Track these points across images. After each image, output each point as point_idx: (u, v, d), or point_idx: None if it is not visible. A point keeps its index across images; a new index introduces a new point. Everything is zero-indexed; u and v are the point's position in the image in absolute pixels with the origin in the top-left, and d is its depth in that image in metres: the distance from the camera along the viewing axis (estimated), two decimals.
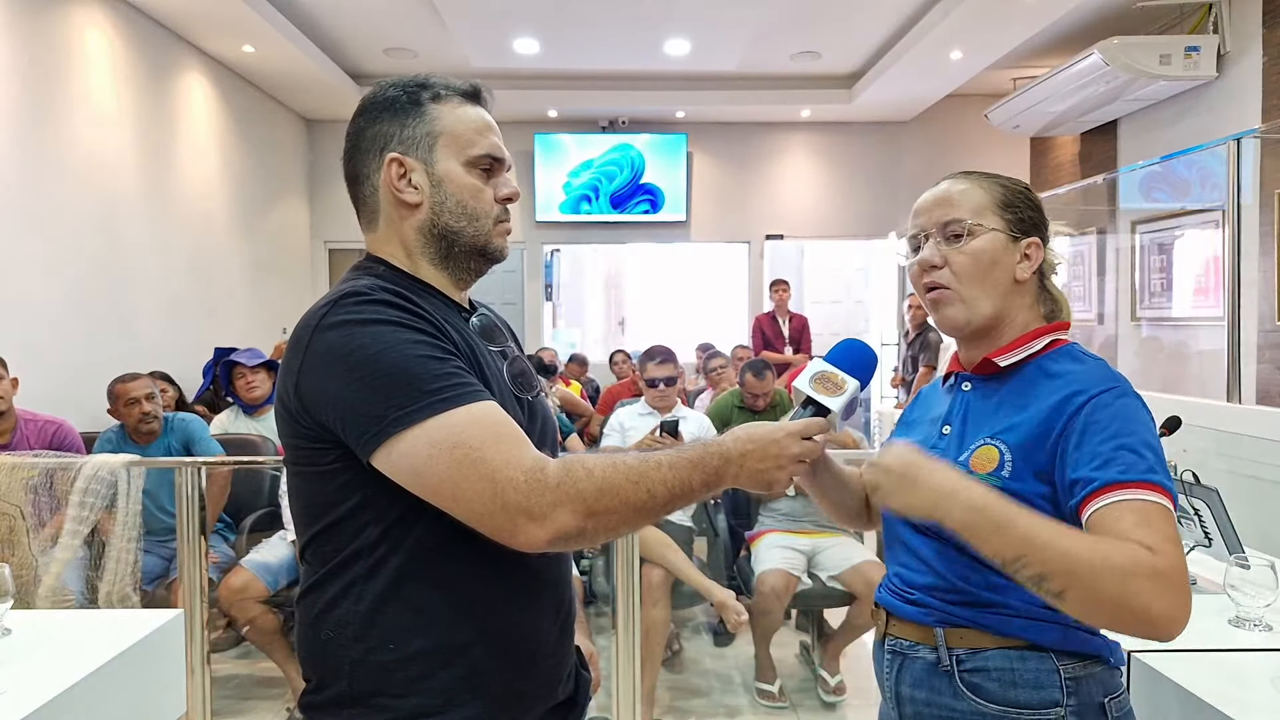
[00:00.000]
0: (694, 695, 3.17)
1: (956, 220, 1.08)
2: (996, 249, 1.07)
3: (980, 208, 1.09)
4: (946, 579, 1.06)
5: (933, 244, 1.10)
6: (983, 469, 1.03)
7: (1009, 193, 1.10)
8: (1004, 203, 1.09)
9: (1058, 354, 1.08)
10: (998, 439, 1.03)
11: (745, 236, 8.25)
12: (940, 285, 1.09)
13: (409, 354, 0.92)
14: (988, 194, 1.09)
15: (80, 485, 2.54)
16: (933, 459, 1.00)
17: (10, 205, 3.94)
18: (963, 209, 1.09)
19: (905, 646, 1.11)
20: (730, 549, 3.38)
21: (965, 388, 1.14)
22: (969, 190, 1.10)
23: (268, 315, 6.90)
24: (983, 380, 1.12)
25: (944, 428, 1.13)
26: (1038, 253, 1.09)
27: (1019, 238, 1.08)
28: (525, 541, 0.89)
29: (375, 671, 0.96)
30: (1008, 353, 1.09)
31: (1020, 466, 1.01)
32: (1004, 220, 1.08)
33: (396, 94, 1.05)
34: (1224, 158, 3.30)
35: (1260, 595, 1.50)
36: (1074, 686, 1.01)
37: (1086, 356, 1.08)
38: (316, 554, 1.00)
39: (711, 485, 0.97)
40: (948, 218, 1.09)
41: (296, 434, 0.98)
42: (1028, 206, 1.10)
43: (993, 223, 1.08)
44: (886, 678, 1.13)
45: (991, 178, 1.12)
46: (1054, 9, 5.21)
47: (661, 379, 3.41)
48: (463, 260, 1.07)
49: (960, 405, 1.13)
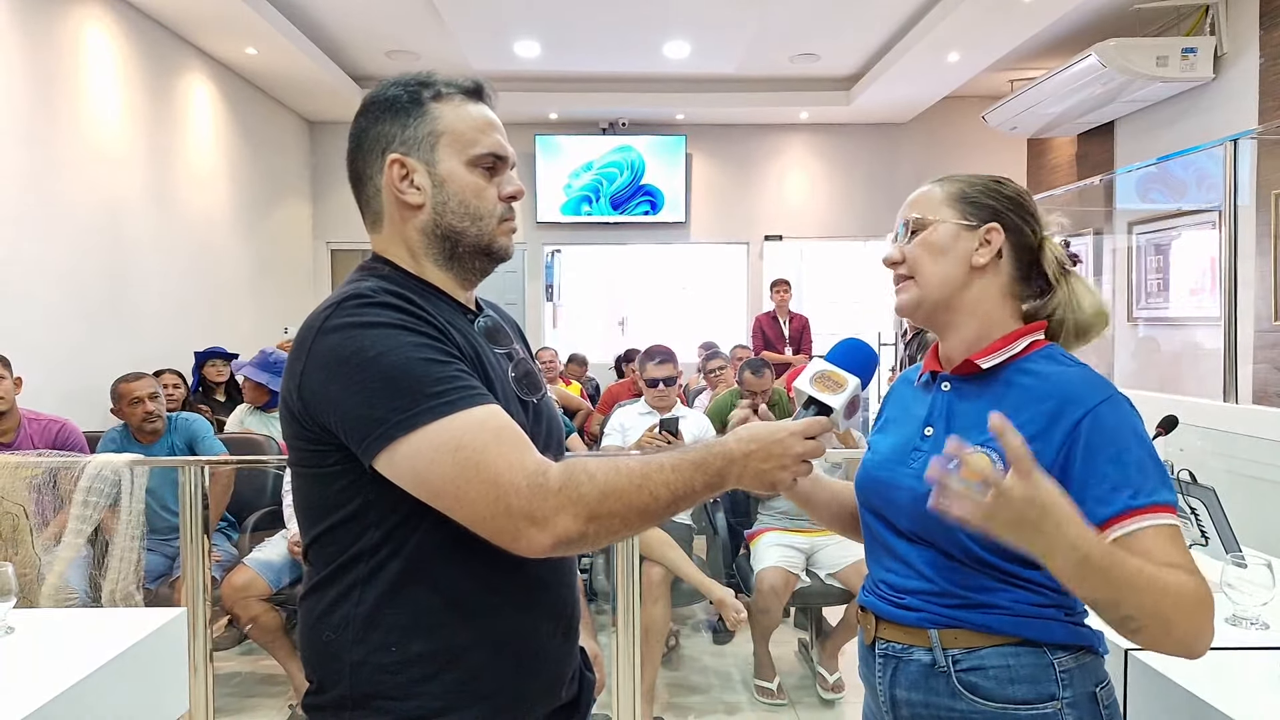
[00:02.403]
0: (693, 692, 3.19)
1: (913, 218, 1.13)
2: (946, 238, 1.10)
3: (934, 204, 1.13)
4: (938, 584, 1.06)
5: (893, 242, 1.16)
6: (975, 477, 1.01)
7: (968, 187, 1.13)
8: (959, 196, 1.12)
9: (1037, 356, 1.08)
10: (989, 447, 1.01)
11: (744, 237, 8.27)
12: (902, 276, 1.15)
13: (411, 357, 0.91)
14: (944, 190, 1.13)
15: (84, 484, 2.55)
16: (1061, 499, 0.89)
17: (14, 206, 3.96)
18: (918, 207, 1.14)
19: (898, 650, 1.09)
20: (729, 547, 3.39)
21: (945, 388, 1.13)
22: (929, 191, 1.15)
23: (270, 315, 6.91)
24: (962, 381, 1.12)
25: (926, 429, 1.12)
26: (998, 237, 1.10)
27: (975, 225, 1.10)
28: (527, 546, 0.88)
29: (376, 674, 0.96)
30: (988, 355, 1.09)
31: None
32: (957, 211, 1.11)
33: (398, 93, 1.04)
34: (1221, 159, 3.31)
35: (1257, 594, 1.50)
36: (1068, 679, 1.02)
37: (1067, 359, 1.08)
38: (319, 555, 1.00)
39: (714, 486, 0.96)
40: (905, 218, 1.15)
41: (299, 435, 0.97)
42: (989, 196, 1.12)
43: (943, 215, 1.11)
44: (879, 681, 1.12)
45: (960, 178, 1.15)
46: (1051, 11, 5.23)
47: (661, 379, 3.43)
48: (467, 260, 1.06)
49: (942, 406, 1.12)
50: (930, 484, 0.97)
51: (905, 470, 1.11)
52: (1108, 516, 0.96)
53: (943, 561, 1.05)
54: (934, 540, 1.06)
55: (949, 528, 1.01)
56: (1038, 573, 1.00)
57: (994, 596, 1.02)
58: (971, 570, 1.04)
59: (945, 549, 1.05)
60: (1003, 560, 1.02)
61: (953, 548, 1.04)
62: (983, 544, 1.01)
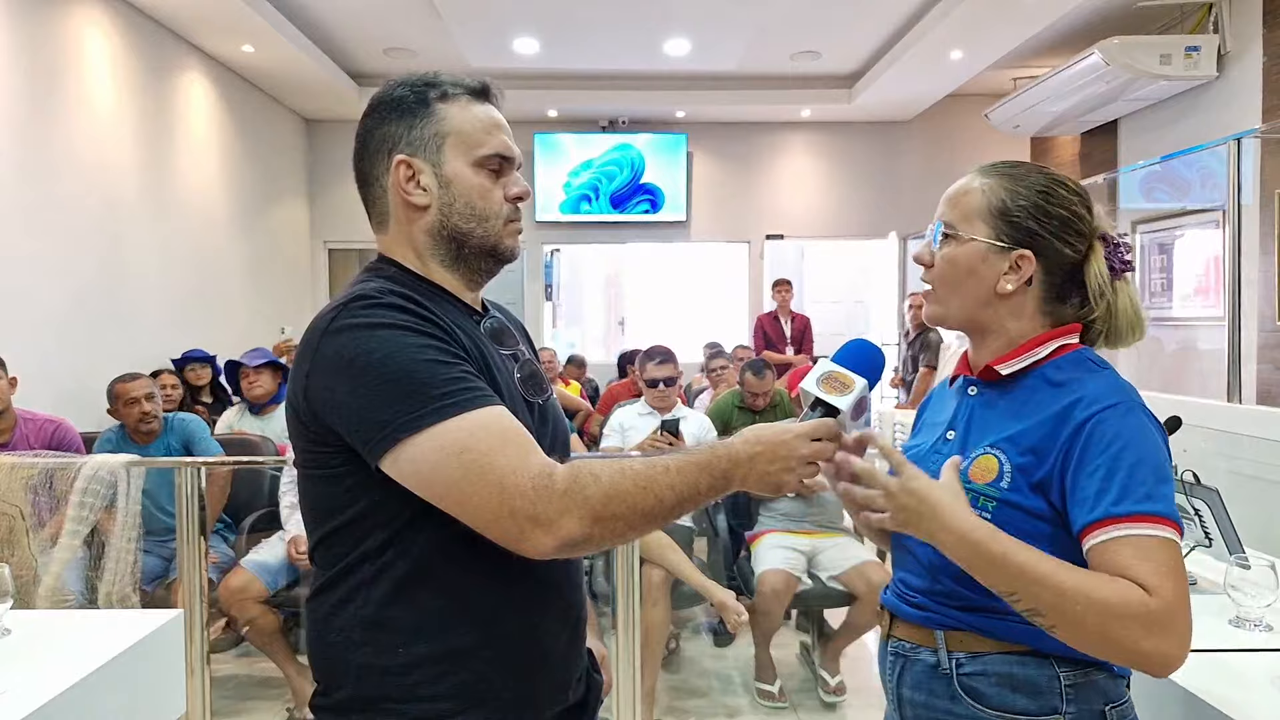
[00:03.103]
0: (694, 695, 3.17)
1: (947, 223, 1.08)
2: (974, 259, 1.05)
3: (970, 213, 1.07)
4: (943, 583, 1.05)
5: (926, 242, 1.11)
6: (981, 479, 1.01)
7: (1011, 200, 1.05)
8: (999, 210, 1.05)
9: (1063, 361, 1.05)
10: (997, 449, 1.02)
11: (745, 236, 8.26)
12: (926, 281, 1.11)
13: (416, 358, 0.91)
14: (986, 198, 1.06)
15: (80, 485, 2.54)
16: (935, 488, 0.98)
17: (10, 205, 3.94)
18: (955, 211, 1.08)
19: (907, 649, 1.10)
20: (730, 549, 3.38)
21: (971, 392, 1.12)
22: (970, 193, 1.08)
23: (268, 315, 6.90)
24: (987, 386, 1.10)
25: (948, 432, 1.12)
26: (1029, 266, 1.04)
27: (1008, 248, 1.04)
28: (532, 548, 0.88)
29: (382, 676, 0.96)
30: (1009, 360, 1.06)
31: (1019, 479, 0.99)
32: (993, 229, 1.05)
33: (404, 94, 1.04)
34: (1224, 157, 3.30)
35: (1260, 595, 1.50)
36: (1074, 694, 0.99)
37: (1095, 364, 1.04)
38: (325, 557, 1.00)
39: (719, 488, 0.95)
40: (942, 216, 1.09)
41: (305, 437, 0.98)
42: (1031, 217, 1.04)
43: (977, 231, 1.05)
44: (889, 679, 1.13)
45: (1009, 176, 1.07)
46: (1054, 9, 5.22)
47: (661, 379, 3.42)
48: (473, 261, 1.06)
49: (965, 410, 1.11)
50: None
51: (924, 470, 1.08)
52: (1087, 522, 0.94)
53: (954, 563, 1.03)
54: None
55: None
56: None
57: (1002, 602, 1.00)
58: None
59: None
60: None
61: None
62: None
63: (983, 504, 1.00)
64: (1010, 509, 0.99)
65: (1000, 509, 0.99)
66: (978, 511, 0.99)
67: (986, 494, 1.00)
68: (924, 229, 1.13)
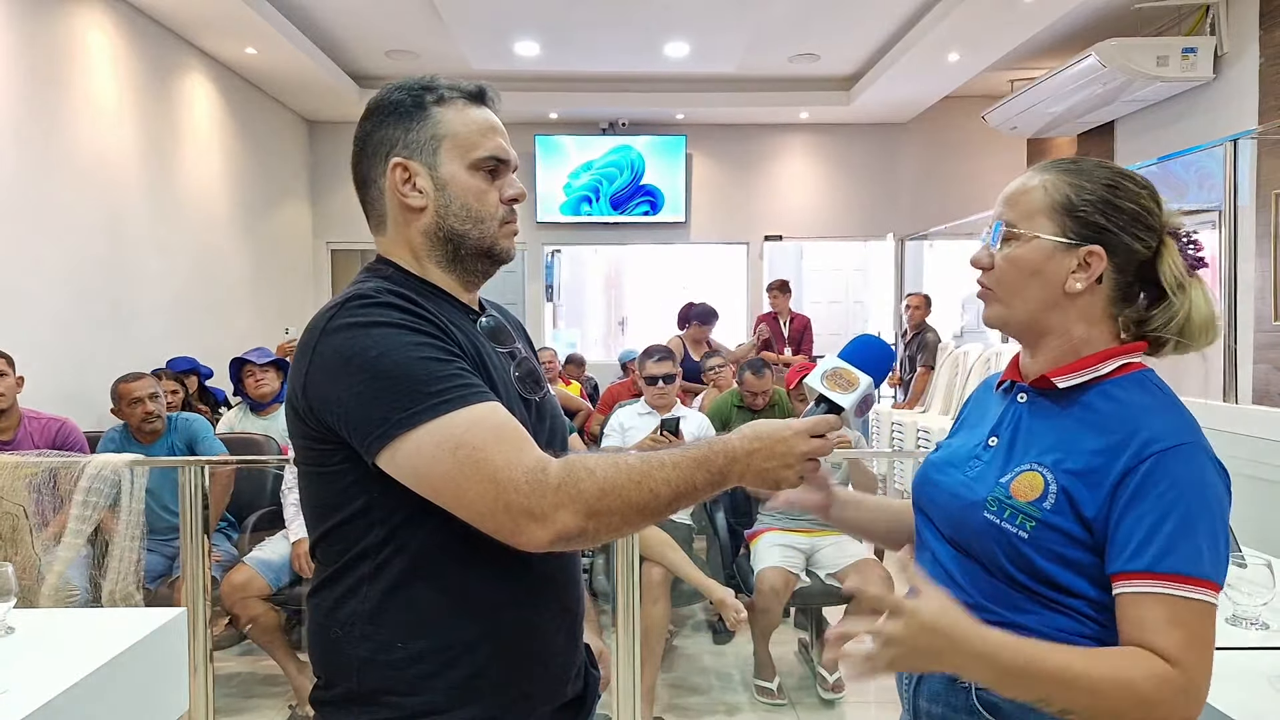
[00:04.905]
0: (693, 693, 3.19)
1: (1007, 222, 1.02)
2: (1039, 258, 0.99)
3: (1033, 211, 1.00)
4: (971, 595, 0.99)
5: (983, 244, 1.05)
6: (1024, 496, 0.96)
7: (1076, 195, 0.99)
8: (1064, 207, 0.99)
9: (1127, 380, 0.98)
10: (1044, 466, 0.96)
11: (744, 237, 8.27)
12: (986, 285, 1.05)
13: (412, 356, 0.92)
14: (1049, 195, 1.00)
15: (84, 484, 2.55)
16: (941, 616, 0.87)
17: (13, 206, 3.96)
18: (1016, 210, 1.02)
19: None
20: (729, 547, 3.39)
21: (1021, 399, 1.05)
22: (1032, 190, 1.02)
23: (270, 315, 6.91)
24: (1039, 395, 1.03)
25: (991, 439, 1.05)
26: (1099, 263, 0.97)
27: (1075, 244, 0.98)
28: (528, 542, 0.89)
29: (382, 670, 0.97)
30: (1068, 374, 0.99)
31: (1063, 501, 0.94)
32: (1059, 225, 0.98)
33: (401, 97, 1.05)
34: (1221, 159, 3.31)
35: (1257, 594, 1.50)
36: None
37: (1159, 389, 0.98)
38: (325, 553, 1.01)
39: (717, 484, 0.95)
40: (1004, 216, 1.03)
41: (304, 435, 0.99)
42: (1099, 212, 0.98)
43: (1042, 228, 0.99)
44: (905, 689, 1.09)
45: (1071, 171, 1.01)
46: (1051, 11, 5.23)
47: (660, 376, 3.43)
48: (470, 262, 1.07)
49: (1012, 418, 1.04)
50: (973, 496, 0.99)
51: (958, 475, 1.05)
52: (1121, 569, 0.89)
53: (980, 573, 1.00)
54: (970, 550, 1.01)
55: (986, 539, 0.98)
56: (1079, 600, 0.94)
57: (1026, 618, 0.95)
58: (1007, 586, 0.97)
59: (981, 560, 0.99)
60: (1037, 584, 0.95)
61: (989, 561, 0.98)
62: (1017, 564, 0.96)
63: (1021, 522, 0.95)
64: (1050, 531, 0.94)
65: (1039, 529, 0.94)
66: (1014, 530, 0.95)
67: (1027, 513, 0.95)
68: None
